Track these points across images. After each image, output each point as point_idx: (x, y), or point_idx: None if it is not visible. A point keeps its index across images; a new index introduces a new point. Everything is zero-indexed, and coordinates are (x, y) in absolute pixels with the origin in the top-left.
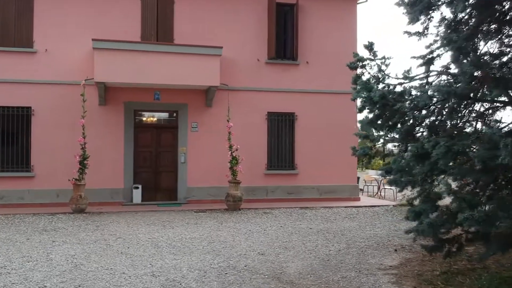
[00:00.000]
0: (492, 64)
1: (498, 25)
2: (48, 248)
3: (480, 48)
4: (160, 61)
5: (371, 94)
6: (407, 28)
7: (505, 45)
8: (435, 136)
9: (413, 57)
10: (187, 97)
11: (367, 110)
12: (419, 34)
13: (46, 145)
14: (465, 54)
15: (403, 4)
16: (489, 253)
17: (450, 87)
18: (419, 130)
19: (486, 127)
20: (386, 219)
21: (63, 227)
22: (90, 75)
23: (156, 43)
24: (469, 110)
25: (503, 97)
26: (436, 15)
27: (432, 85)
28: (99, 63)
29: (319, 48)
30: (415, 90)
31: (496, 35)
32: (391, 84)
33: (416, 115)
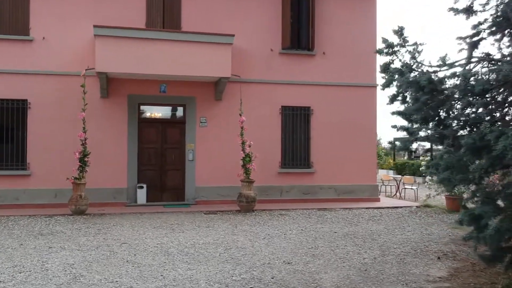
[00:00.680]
0: None
1: None
2: (43, 256)
3: None
4: (166, 50)
5: (418, 78)
6: (453, 5)
7: None
8: (497, 126)
9: (459, 37)
10: (195, 89)
11: (400, 99)
12: (468, 12)
13: (43, 141)
14: None
15: None
16: None
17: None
18: (472, 120)
19: None
20: (413, 221)
21: (61, 230)
22: (91, 65)
23: (162, 30)
24: None
25: None
26: None
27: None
28: (101, 51)
29: (336, 38)
30: (461, 76)
31: None
32: (427, 72)
33: (472, 101)
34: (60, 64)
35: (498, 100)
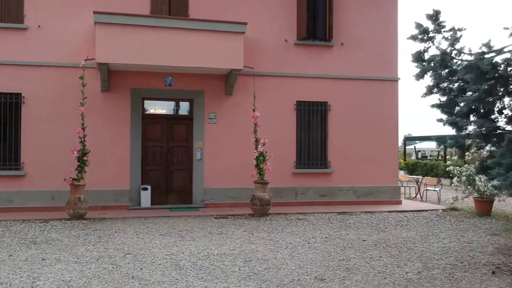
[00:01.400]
0: None
1: None
2: (35, 270)
3: None
4: (173, 39)
5: (477, 62)
6: None
7: None
8: None
9: None
10: (204, 83)
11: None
12: None
13: (38, 138)
14: None
15: None
16: None
17: None
18: None
19: None
20: (445, 226)
21: (58, 238)
22: (91, 55)
23: (168, 17)
24: None
25: None
26: None
27: None
28: (101, 40)
29: (355, 28)
30: None
31: None
32: (467, 61)
33: None
34: (57, 54)
35: None
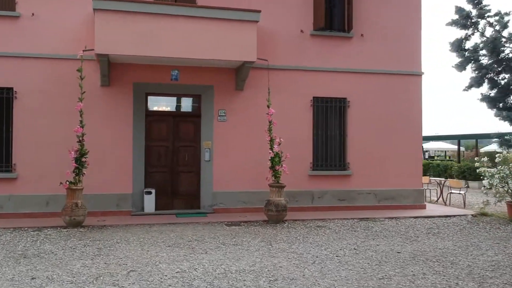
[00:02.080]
0: None
1: None
2: None
3: None
4: (179, 28)
5: None
6: None
7: None
8: None
9: None
10: (213, 77)
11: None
12: None
13: (32, 137)
14: None
15: None
16: None
17: None
18: None
19: None
20: (481, 235)
21: (51, 250)
22: (89, 45)
23: (175, 4)
24: None
25: None
26: None
27: None
28: (101, 29)
29: (376, 18)
30: None
31: None
32: None
33: None
34: (52, 45)
35: None
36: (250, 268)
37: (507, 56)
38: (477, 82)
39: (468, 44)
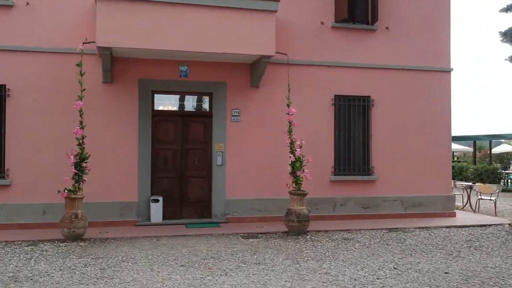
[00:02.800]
0: None
1: None
2: None
3: None
4: (189, 18)
5: None
6: None
7: None
8: None
9: None
10: (226, 73)
11: None
12: None
13: (27, 139)
14: None
15: None
16: None
17: None
18: None
19: None
20: None
21: (47, 271)
22: (90, 38)
23: None
24: None
25: None
26: None
27: None
28: (103, 19)
29: (402, 9)
30: None
31: None
32: None
33: None
34: (49, 37)
35: None
36: None
37: None
38: None
39: None
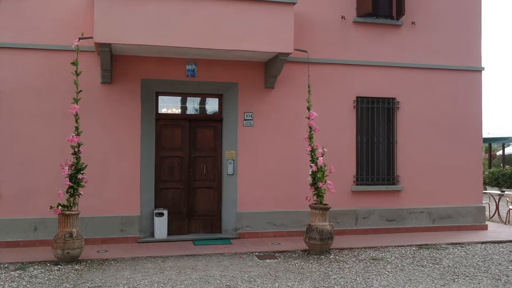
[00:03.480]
0: None
1: None
2: None
3: None
4: (198, 12)
5: None
6: None
7: None
8: None
9: None
10: (237, 72)
11: None
12: None
13: (16, 147)
14: None
15: None
16: None
17: None
18: None
19: None
20: None
21: None
22: (87, 33)
23: None
24: None
25: None
26: None
27: None
28: (102, 12)
29: (430, 3)
30: None
31: None
32: None
33: None
34: (41, 33)
35: None
36: None
37: None
38: None
39: None
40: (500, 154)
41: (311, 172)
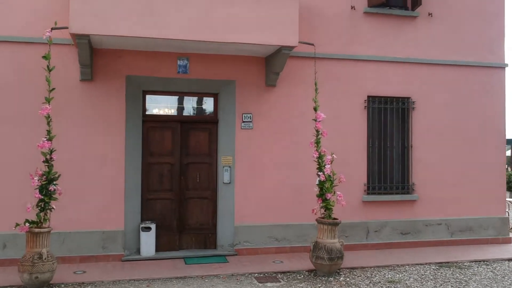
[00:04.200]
0: None
1: None
2: None
3: None
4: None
5: None
6: None
7: None
8: None
9: None
10: (235, 68)
11: None
12: None
13: None
14: None
15: None
16: None
17: None
18: None
19: None
20: None
21: None
22: (61, 22)
23: None
24: None
25: None
26: None
27: None
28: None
29: None
30: None
31: None
32: None
33: None
34: (8, 23)
35: None
36: None
37: None
38: None
39: None
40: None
41: (318, 182)
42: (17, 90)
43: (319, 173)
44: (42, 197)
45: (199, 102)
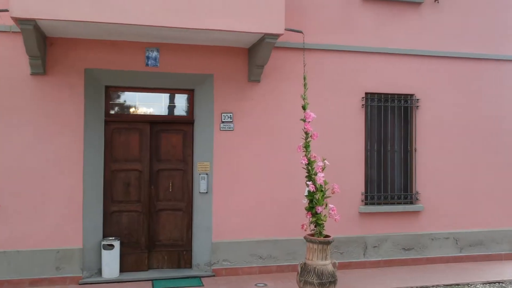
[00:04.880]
0: None
1: None
2: None
3: None
4: None
5: None
6: None
7: None
8: None
9: None
10: (213, 60)
11: None
12: None
13: None
14: None
15: None
16: None
17: None
18: None
19: None
20: None
21: None
22: (2, 4)
23: None
24: None
25: None
26: None
27: None
28: None
29: None
30: None
31: None
32: None
33: None
34: None
35: None
36: None
37: None
38: None
39: None
40: None
41: (307, 193)
42: None
43: (308, 182)
44: None
45: (172, 100)
